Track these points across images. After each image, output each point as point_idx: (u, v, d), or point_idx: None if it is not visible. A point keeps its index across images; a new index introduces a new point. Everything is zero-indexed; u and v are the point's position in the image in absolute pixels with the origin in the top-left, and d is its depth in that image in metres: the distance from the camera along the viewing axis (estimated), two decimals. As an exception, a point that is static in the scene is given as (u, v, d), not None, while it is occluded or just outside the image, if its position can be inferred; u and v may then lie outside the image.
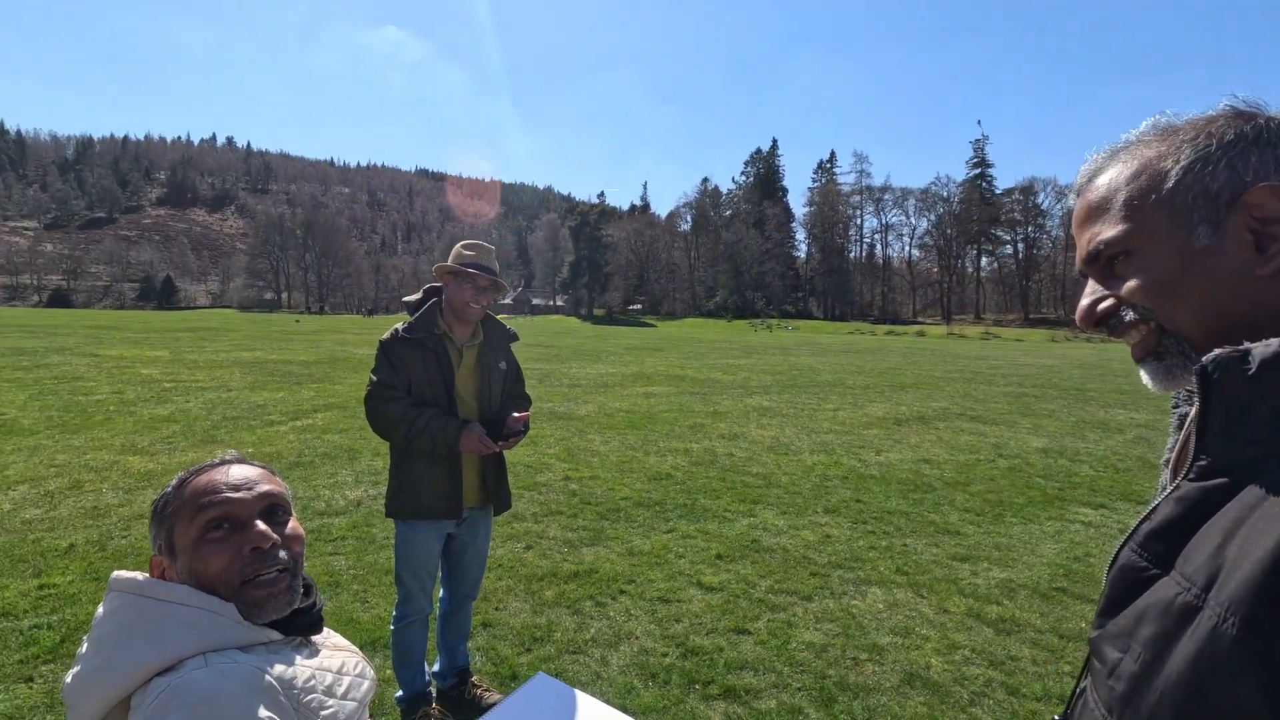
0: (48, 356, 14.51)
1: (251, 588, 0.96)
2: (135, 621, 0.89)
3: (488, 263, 2.28)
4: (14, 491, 4.98)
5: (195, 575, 0.95)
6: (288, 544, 1.01)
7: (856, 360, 22.34)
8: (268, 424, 7.95)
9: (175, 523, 0.98)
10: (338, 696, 0.97)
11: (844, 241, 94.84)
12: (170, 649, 0.87)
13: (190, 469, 1.04)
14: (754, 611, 3.42)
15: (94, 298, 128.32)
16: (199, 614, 0.91)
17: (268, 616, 0.96)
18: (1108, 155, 0.68)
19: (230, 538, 0.96)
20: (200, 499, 0.98)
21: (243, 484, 1.01)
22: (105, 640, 0.89)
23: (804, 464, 6.75)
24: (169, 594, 0.92)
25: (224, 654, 0.89)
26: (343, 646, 1.09)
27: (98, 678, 0.86)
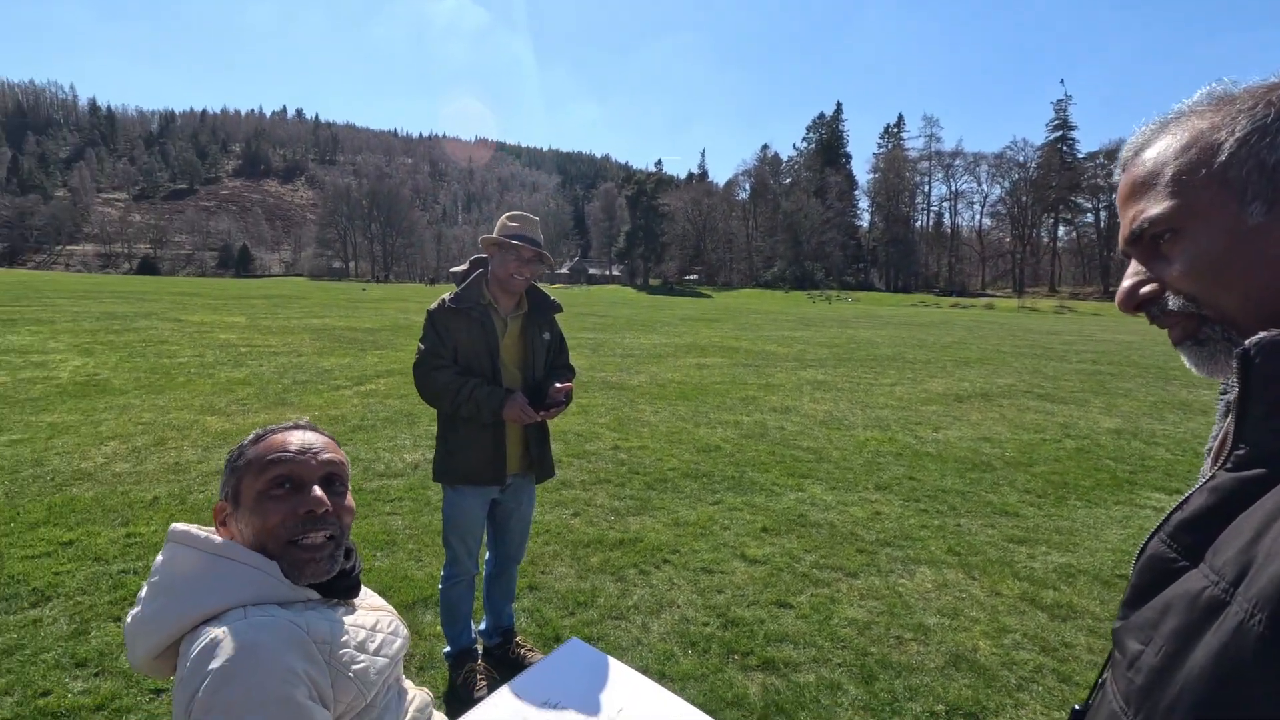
0: (136, 321, 15.49)
1: (297, 549, 1.02)
2: (188, 573, 0.97)
3: (532, 234, 2.29)
4: (106, 446, 5.38)
5: (253, 526, 1.02)
6: (339, 514, 1.07)
7: (918, 334, 21.65)
8: (333, 388, 8.31)
9: (244, 475, 1.05)
10: (369, 652, 1.02)
11: (909, 210, 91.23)
12: (216, 600, 0.93)
13: (265, 427, 1.11)
14: (797, 585, 3.41)
15: (178, 265, 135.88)
16: (246, 570, 0.97)
17: (308, 579, 1.02)
18: (1157, 127, 0.62)
19: (289, 497, 1.03)
20: (268, 456, 1.04)
21: (309, 449, 1.07)
22: (161, 587, 0.96)
23: (857, 439, 6.63)
24: (220, 550, 0.99)
25: (263, 608, 0.95)
26: (378, 606, 1.15)
27: (152, 621, 0.94)
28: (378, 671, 1.01)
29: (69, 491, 4.33)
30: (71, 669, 2.49)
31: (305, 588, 1.03)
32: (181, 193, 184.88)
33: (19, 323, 13.77)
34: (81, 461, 4.96)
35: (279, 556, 1.01)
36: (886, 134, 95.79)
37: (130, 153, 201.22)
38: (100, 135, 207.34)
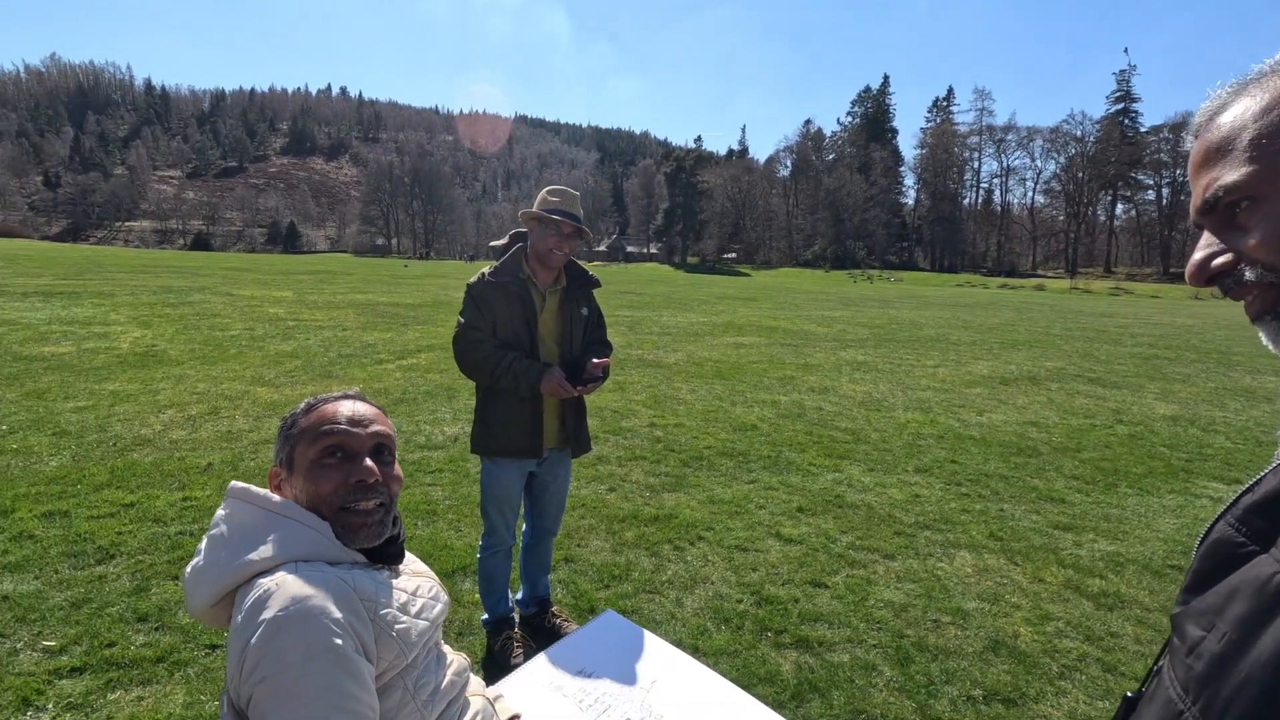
0: (190, 295, 16.06)
1: (349, 514, 1.06)
2: (246, 527, 1.01)
3: (572, 209, 2.29)
4: (164, 414, 5.62)
5: (306, 492, 1.06)
6: (387, 483, 1.10)
7: (964, 315, 21.08)
8: (377, 362, 8.51)
9: (298, 443, 1.09)
10: (411, 615, 1.05)
11: (957, 187, 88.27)
12: (271, 555, 0.98)
13: (318, 397, 1.14)
14: (832, 566, 3.39)
15: (229, 241, 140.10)
16: (299, 528, 1.01)
17: (359, 544, 1.06)
18: (1234, 89, 0.58)
19: (341, 466, 1.06)
20: (321, 426, 1.08)
21: (360, 420, 1.10)
22: (219, 540, 1.01)
23: (897, 421, 6.51)
24: (278, 508, 1.03)
25: (313, 564, 0.98)
26: (420, 572, 1.18)
27: (210, 571, 0.99)
28: (419, 634, 1.04)
29: (130, 456, 4.55)
30: (134, 623, 2.63)
31: (354, 551, 1.06)
32: (232, 170, 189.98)
33: (83, 295, 14.41)
34: (141, 428, 5.19)
35: (331, 521, 1.05)
36: (935, 108, 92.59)
37: (184, 131, 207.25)
38: (155, 114, 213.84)
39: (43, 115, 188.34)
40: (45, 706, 2.15)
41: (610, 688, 1.47)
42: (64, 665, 2.35)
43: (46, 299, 13.33)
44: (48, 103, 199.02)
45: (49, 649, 2.44)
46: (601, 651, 1.59)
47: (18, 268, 22.92)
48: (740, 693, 1.52)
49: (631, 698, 1.45)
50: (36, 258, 33.02)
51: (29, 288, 15.39)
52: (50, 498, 3.78)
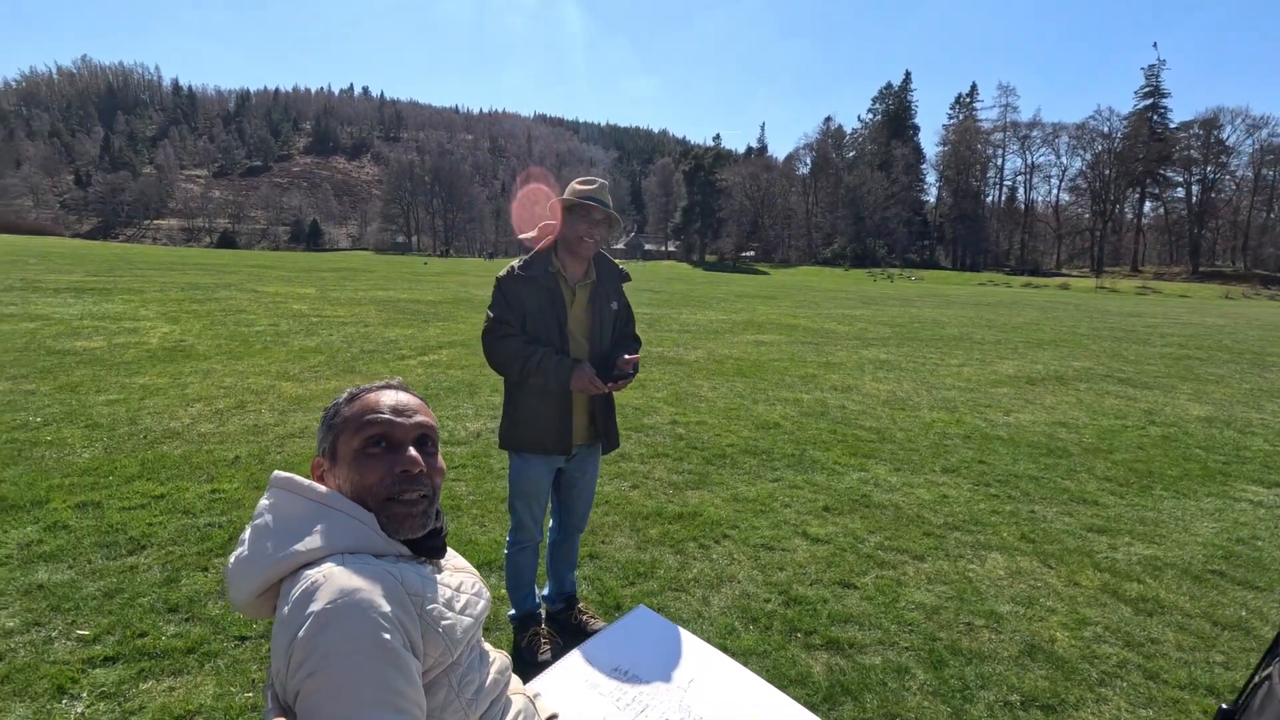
0: (217, 292, 16.30)
1: (395, 504, 1.04)
2: (291, 518, 0.99)
3: (602, 196, 2.26)
4: (192, 408, 5.69)
5: (351, 482, 1.04)
6: (431, 474, 1.08)
7: (987, 313, 20.78)
8: (399, 358, 8.56)
9: (341, 432, 1.07)
10: (455, 611, 1.03)
11: (980, 184, 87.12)
12: (318, 546, 0.96)
13: (360, 386, 1.13)
14: (861, 566, 3.33)
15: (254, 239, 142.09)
16: (345, 519, 0.99)
17: (403, 535, 1.03)
18: None
19: (386, 456, 1.05)
20: (365, 416, 1.06)
21: (404, 410, 1.08)
22: (264, 530, 0.99)
23: (922, 420, 6.41)
24: (323, 498, 1.01)
25: (359, 556, 0.96)
26: (463, 567, 1.16)
27: (255, 562, 0.97)
28: (463, 630, 1.02)
29: (160, 449, 4.60)
30: (165, 613, 2.65)
31: (398, 543, 1.04)
32: (257, 169, 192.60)
33: (113, 292, 14.68)
34: (170, 421, 5.26)
35: (376, 512, 1.03)
36: (958, 104, 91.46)
37: (210, 131, 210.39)
38: (182, 114, 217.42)
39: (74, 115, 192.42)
40: (80, 695, 2.17)
41: (647, 686, 1.44)
42: (97, 654, 2.37)
43: (78, 295, 13.59)
44: (79, 103, 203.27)
45: (83, 638, 2.46)
46: (636, 649, 1.56)
47: (50, 264, 23.42)
48: (778, 693, 1.48)
49: (669, 697, 1.42)
50: (68, 255, 33.71)
51: (61, 284, 15.71)
52: (83, 489, 3.83)
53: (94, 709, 2.11)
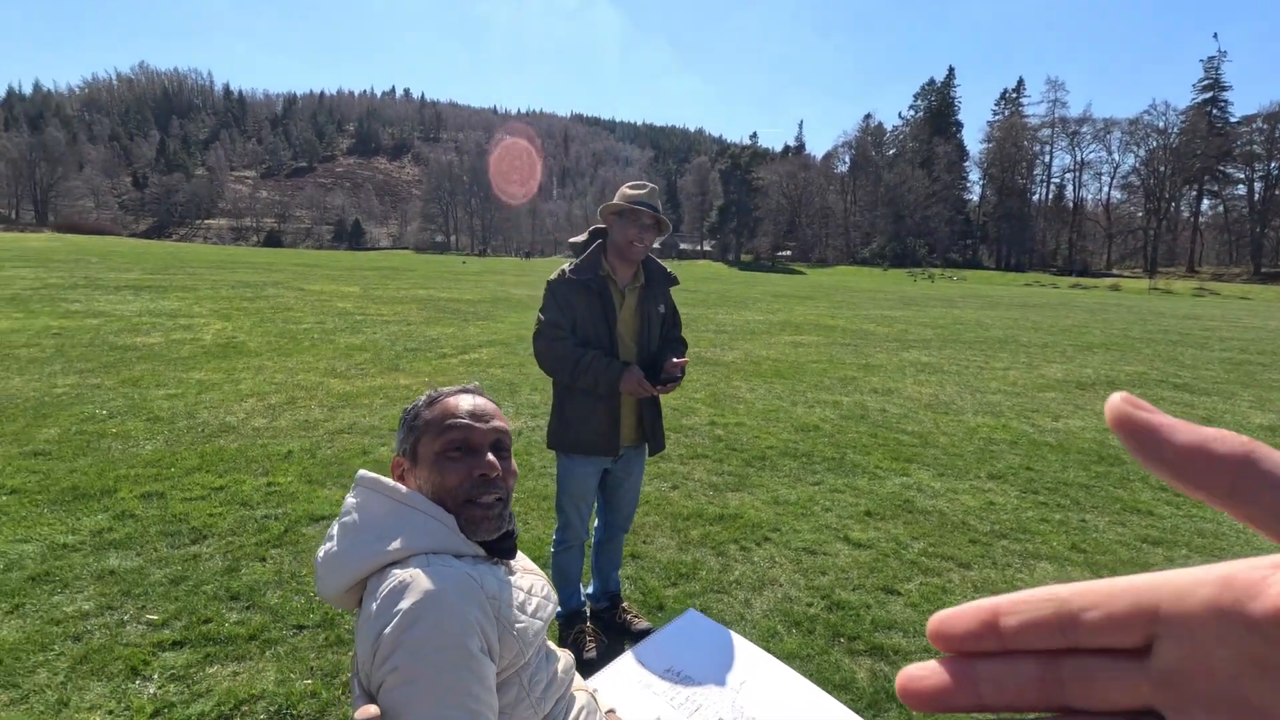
0: (265, 290, 16.82)
1: (473, 507, 1.08)
2: (376, 516, 1.05)
3: (652, 201, 2.29)
4: (245, 403, 5.90)
5: (431, 484, 1.09)
6: (505, 477, 1.13)
7: (1033, 315, 20.23)
8: (440, 356, 8.72)
9: (422, 435, 1.12)
10: (528, 614, 1.07)
11: (1026, 182, 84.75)
12: (403, 546, 1.01)
13: (439, 390, 1.18)
14: (905, 573, 3.29)
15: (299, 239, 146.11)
16: (429, 520, 1.04)
17: (480, 536, 1.08)
18: None
19: (465, 460, 1.10)
20: (446, 420, 1.11)
21: (482, 415, 1.14)
22: (351, 528, 1.05)
23: (966, 425, 6.29)
24: (406, 499, 1.06)
25: (442, 557, 1.01)
26: (532, 570, 1.20)
27: (345, 558, 1.02)
28: (535, 633, 1.06)
29: (217, 442, 4.79)
30: (227, 600, 2.77)
31: (475, 544, 1.08)
32: (302, 170, 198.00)
33: (169, 289, 15.27)
34: (226, 416, 5.46)
35: (456, 513, 1.07)
36: (1004, 100, 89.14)
37: (258, 133, 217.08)
38: (233, 117, 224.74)
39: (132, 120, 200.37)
40: (151, 677, 2.28)
41: (700, 687, 1.47)
42: (166, 639, 2.49)
43: (136, 292, 14.17)
44: (136, 108, 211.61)
45: (152, 622, 2.59)
46: (688, 650, 1.58)
47: (110, 263, 24.45)
48: (829, 698, 1.49)
49: (722, 698, 1.44)
50: (126, 254, 35.15)
51: (120, 282, 16.40)
52: (147, 479, 4.01)
53: (165, 690, 2.22)
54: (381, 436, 5.13)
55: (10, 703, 2.12)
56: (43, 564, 2.97)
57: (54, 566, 2.95)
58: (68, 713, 2.10)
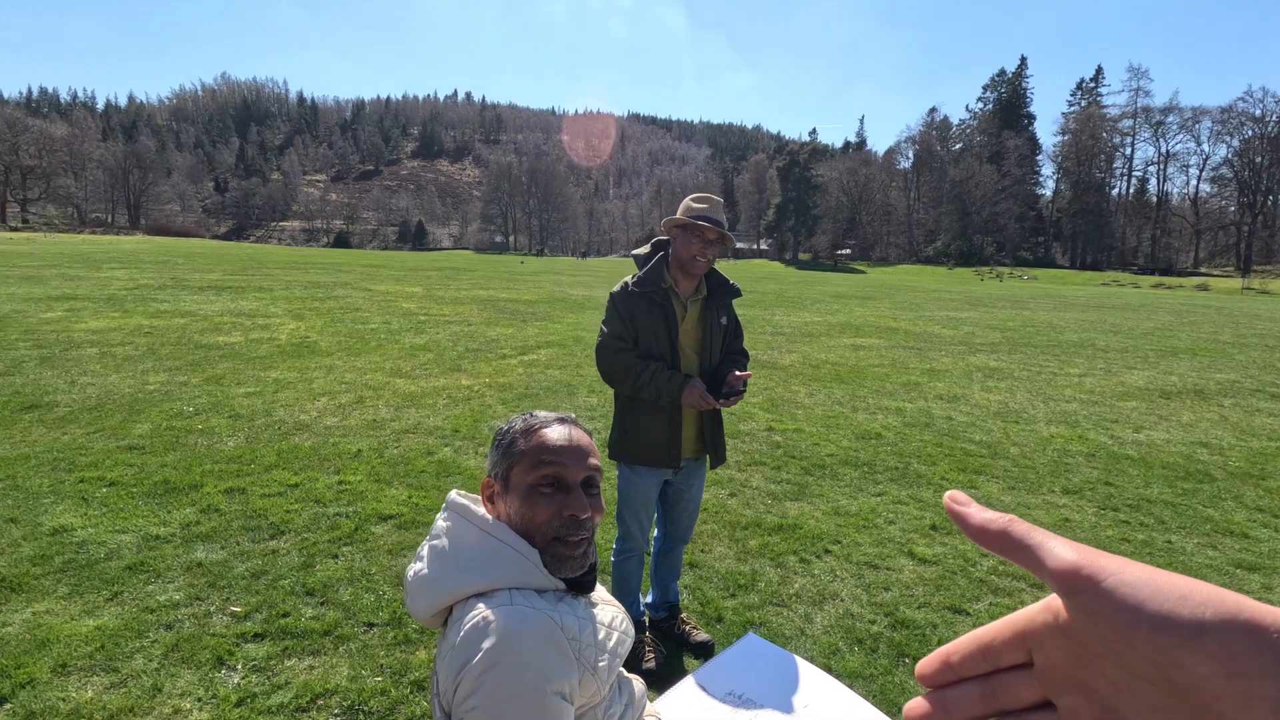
0: (335, 290, 17.53)
1: (559, 545, 1.09)
2: (464, 544, 1.08)
3: (717, 216, 2.28)
4: (318, 402, 6.16)
5: (521, 516, 1.10)
6: (593, 516, 1.13)
7: (1111, 317, 19.19)
8: (500, 357, 8.91)
9: (516, 463, 1.13)
10: (608, 650, 1.08)
11: (1105, 176, 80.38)
12: (490, 578, 1.04)
13: (536, 416, 1.18)
14: (974, 592, 3.18)
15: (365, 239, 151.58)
16: (515, 555, 1.06)
17: (565, 573, 1.10)
18: None
19: (555, 496, 1.10)
20: (542, 454, 1.12)
21: (577, 452, 1.13)
22: (440, 553, 1.08)
23: (1039, 435, 6.02)
24: (493, 530, 1.09)
25: (524, 593, 1.03)
26: (609, 601, 1.21)
27: (434, 583, 1.06)
28: (612, 669, 1.07)
29: (292, 440, 5.02)
30: (303, 595, 2.90)
31: (557, 579, 1.10)
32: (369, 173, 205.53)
33: (247, 290, 16.09)
34: (300, 414, 5.72)
35: (542, 549, 1.09)
36: (1080, 90, 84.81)
37: (329, 139, 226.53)
38: (305, 123, 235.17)
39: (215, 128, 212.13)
40: (235, 667, 2.41)
41: (762, 710, 1.45)
42: (248, 630, 2.62)
43: (218, 293, 14.99)
44: (218, 116, 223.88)
45: (236, 614, 2.73)
46: (749, 674, 1.57)
47: (195, 264, 25.94)
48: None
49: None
50: (209, 255, 37.20)
51: (204, 282, 17.38)
52: (229, 475, 4.24)
53: (248, 681, 2.35)
54: (445, 438, 5.28)
55: (110, 686, 2.28)
56: (138, 554, 3.17)
57: (148, 557, 3.15)
58: (161, 698, 2.24)
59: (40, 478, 4.04)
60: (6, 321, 9.50)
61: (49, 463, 4.29)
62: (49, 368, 6.87)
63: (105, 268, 21.00)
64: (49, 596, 2.80)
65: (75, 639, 2.50)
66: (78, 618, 2.65)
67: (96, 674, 2.34)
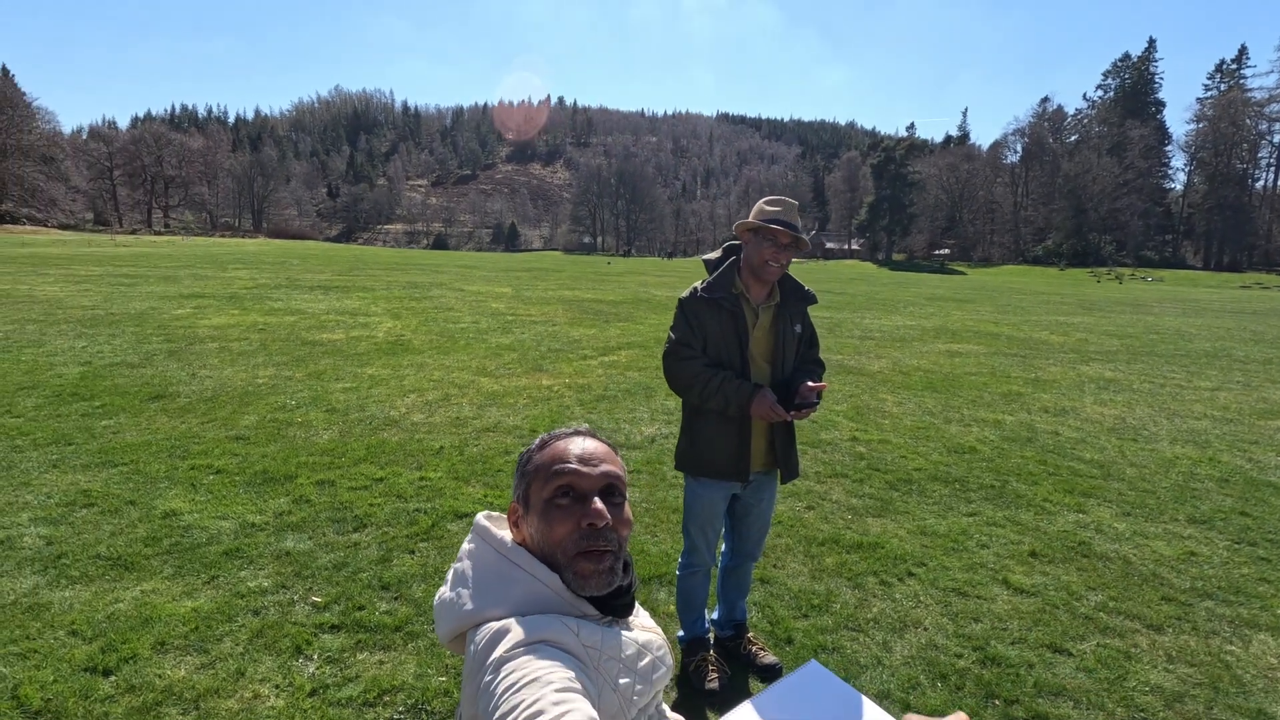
0: (430, 290, 18.33)
1: (583, 559, 1.03)
2: (481, 569, 1.05)
3: (790, 219, 2.16)
4: (407, 399, 6.42)
5: (541, 533, 1.06)
6: (617, 526, 1.06)
7: (1252, 324, 17.24)
8: (581, 358, 9.00)
9: (533, 480, 1.09)
10: (635, 671, 1.01)
11: (1248, 166, 72.51)
12: (503, 607, 1.00)
13: (551, 433, 1.15)
14: (1078, 630, 2.88)
15: (461, 241, 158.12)
16: (533, 582, 1.02)
17: (590, 591, 1.03)
18: None
19: (572, 508, 1.05)
20: (553, 466, 1.08)
21: (590, 459, 1.08)
22: (460, 576, 1.06)
23: (1161, 456, 5.45)
24: (509, 553, 1.05)
25: (545, 616, 0.98)
26: (649, 628, 1.13)
27: (451, 608, 1.04)
28: (640, 693, 1.00)
29: (381, 435, 5.24)
30: (379, 589, 3.00)
31: (583, 601, 1.04)
32: (466, 178, 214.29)
33: (351, 289, 17.09)
34: (390, 410, 5.97)
35: (565, 567, 1.04)
36: (1219, 73, 76.95)
37: (430, 145, 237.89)
38: (409, 131, 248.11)
39: (328, 137, 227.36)
40: (312, 656, 2.51)
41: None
42: (326, 621, 2.73)
43: (326, 292, 16.00)
44: (331, 126, 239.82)
45: (316, 604, 2.85)
46: (808, 707, 1.46)
47: (307, 265, 27.86)
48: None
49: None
50: (320, 257, 39.87)
51: (314, 282, 18.61)
52: (322, 467, 4.47)
53: (322, 671, 2.43)
54: (523, 436, 5.36)
55: (200, 667, 2.42)
56: (235, 540, 3.38)
57: (244, 543, 3.35)
58: (243, 682, 2.35)
59: (158, 463, 4.40)
60: (144, 318, 10.49)
61: (167, 449, 4.67)
62: (175, 360, 7.52)
63: (230, 268, 22.90)
64: (156, 576, 3.02)
65: (174, 619, 2.68)
66: (178, 599, 2.84)
67: (189, 654, 2.49)
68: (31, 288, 13.93)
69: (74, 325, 9.49)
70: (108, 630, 2.59)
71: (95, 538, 3.35)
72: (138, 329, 9.41)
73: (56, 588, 2.89)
